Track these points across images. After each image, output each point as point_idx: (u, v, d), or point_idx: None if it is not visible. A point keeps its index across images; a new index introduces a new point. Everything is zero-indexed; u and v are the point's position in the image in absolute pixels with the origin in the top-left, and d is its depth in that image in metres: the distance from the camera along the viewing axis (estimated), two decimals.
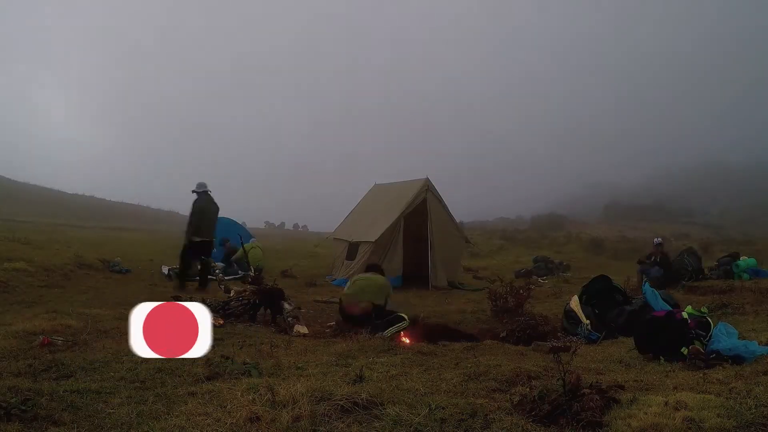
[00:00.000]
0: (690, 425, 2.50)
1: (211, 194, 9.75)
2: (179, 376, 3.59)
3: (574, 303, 6.42)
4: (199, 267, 9.69)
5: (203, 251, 9.60)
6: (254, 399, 2.89)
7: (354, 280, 7.13)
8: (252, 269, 10.86)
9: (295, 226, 54.66)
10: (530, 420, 2.71)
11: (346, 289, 6.93)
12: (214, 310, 6.61)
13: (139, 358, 3.99)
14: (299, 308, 7.25)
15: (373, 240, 12.33)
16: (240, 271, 12.25)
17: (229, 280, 10.65)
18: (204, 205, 9.52)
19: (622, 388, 3.19)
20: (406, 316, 6.17)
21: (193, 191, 9.59)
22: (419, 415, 2.71)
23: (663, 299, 6.09)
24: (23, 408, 2.66)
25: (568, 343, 5.20)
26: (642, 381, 3.63)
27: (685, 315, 4.53)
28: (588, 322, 6.07)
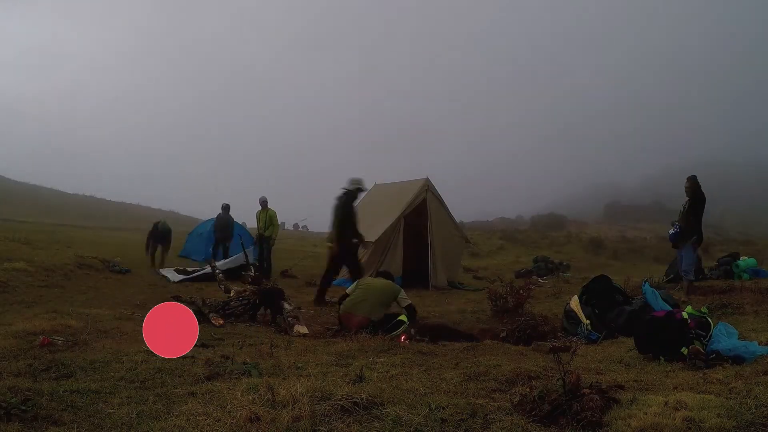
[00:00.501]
0: (690, 425, 2.50)
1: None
2: (179, 376, 3.59)
3: (574, 303, 6.42)
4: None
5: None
6: (254, 399, 2.89)
7: (357, 285, 6.93)
8: (247, 255, 11.29)
9: (295, 226, 54.58)
10: (530, 420, 2.71)
11: (348, 295, 6.78)
12: (214, 310, 6.62)
13: (139, 358, 4.02)
14: (299, 308, 7.25)
15: (373, 240, 12.32)
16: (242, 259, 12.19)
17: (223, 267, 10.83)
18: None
19: (622, 388, 3.19)
20: (405, 318, 6.12)
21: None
22: (419, 415, 2.71)
23: (663, 299, 6.09)
24: (23, 408, 2.66)
25: (568, 343, 5.19)
26: (642, 381, 3.63)
27: (685, 315, 4.53)
28: (588, 322, 6.07)
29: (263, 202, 13.29)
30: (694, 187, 8.77)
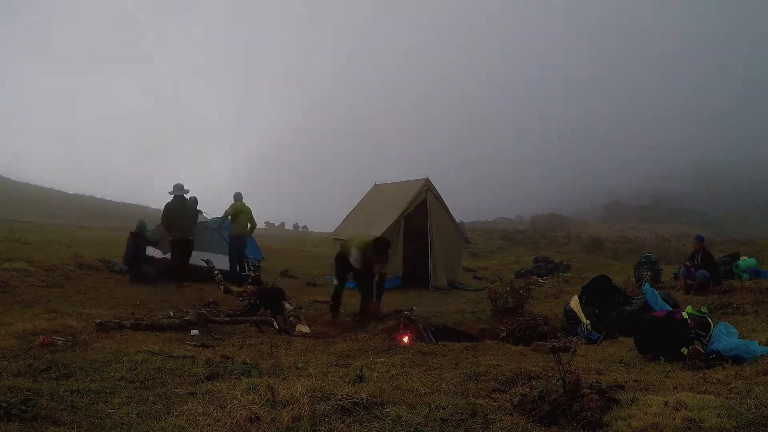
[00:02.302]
0: (690, 425, 2.50)
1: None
2: (179, 376, 3.59)
3: (574, 303, 6.42)
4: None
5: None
6: (254, 399, 2.89)
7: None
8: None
9: (295, 226, 54.63)
10: (530, 420, 2.71)
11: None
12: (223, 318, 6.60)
13: (139, 358, 4.01)
14: (299, 308, 7.26)
15: None
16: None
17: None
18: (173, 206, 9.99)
19: (622, 388, 3.19)
20: None
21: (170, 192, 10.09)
22: (419, 415, 2.71)
23: (663, 299, 6.10)
24: (23, 408, 2.66)
25: (568, 343, 5.20)
26: (642, 381, 3.64)
27: (685, 315, 4.53)
28: (588, 322, 6.07)
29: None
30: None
